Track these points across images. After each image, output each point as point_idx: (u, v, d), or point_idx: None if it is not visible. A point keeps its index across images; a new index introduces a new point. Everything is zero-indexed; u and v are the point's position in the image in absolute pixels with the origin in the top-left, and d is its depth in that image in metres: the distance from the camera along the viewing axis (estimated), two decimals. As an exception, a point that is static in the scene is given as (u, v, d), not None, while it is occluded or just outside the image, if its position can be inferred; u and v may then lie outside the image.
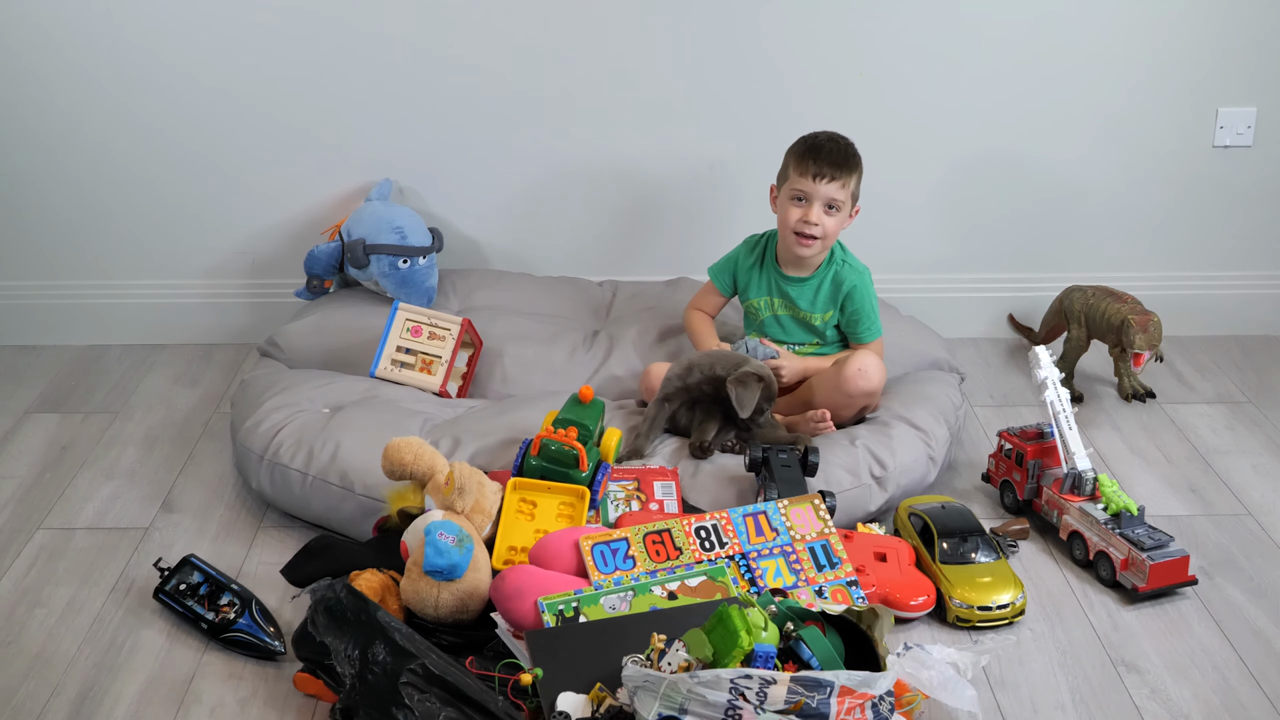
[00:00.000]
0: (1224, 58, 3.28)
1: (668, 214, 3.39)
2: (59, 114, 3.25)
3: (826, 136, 2.78)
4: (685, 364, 2.70)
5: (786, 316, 2.88)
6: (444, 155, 3.32)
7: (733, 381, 2.60)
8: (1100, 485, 2.47)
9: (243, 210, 3.35)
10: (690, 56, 3.25)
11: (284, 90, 3.24)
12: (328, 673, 2.04)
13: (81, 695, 2.11)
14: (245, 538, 2.55)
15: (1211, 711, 2.08)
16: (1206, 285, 3.48)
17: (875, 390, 2.71)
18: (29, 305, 3.42)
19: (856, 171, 2.78)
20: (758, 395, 2.59)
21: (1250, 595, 2.38)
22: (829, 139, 2.78)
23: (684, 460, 2.59)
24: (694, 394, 2.67)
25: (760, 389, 2.60)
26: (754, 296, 2.90)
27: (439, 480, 2.29)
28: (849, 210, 2.80)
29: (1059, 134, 3.33)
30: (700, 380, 2.66)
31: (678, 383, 2.68)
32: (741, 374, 2.61)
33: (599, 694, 1.88)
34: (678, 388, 2.67)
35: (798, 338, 2.89)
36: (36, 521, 2.60)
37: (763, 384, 2.60)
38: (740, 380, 2.60)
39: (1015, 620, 2.29)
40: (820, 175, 2.74)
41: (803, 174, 2.76)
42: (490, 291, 3.26)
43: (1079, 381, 3.20)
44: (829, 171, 2.74)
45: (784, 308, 2.87)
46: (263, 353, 3.07)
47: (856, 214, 2.84)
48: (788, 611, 2.04)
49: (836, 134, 2.80)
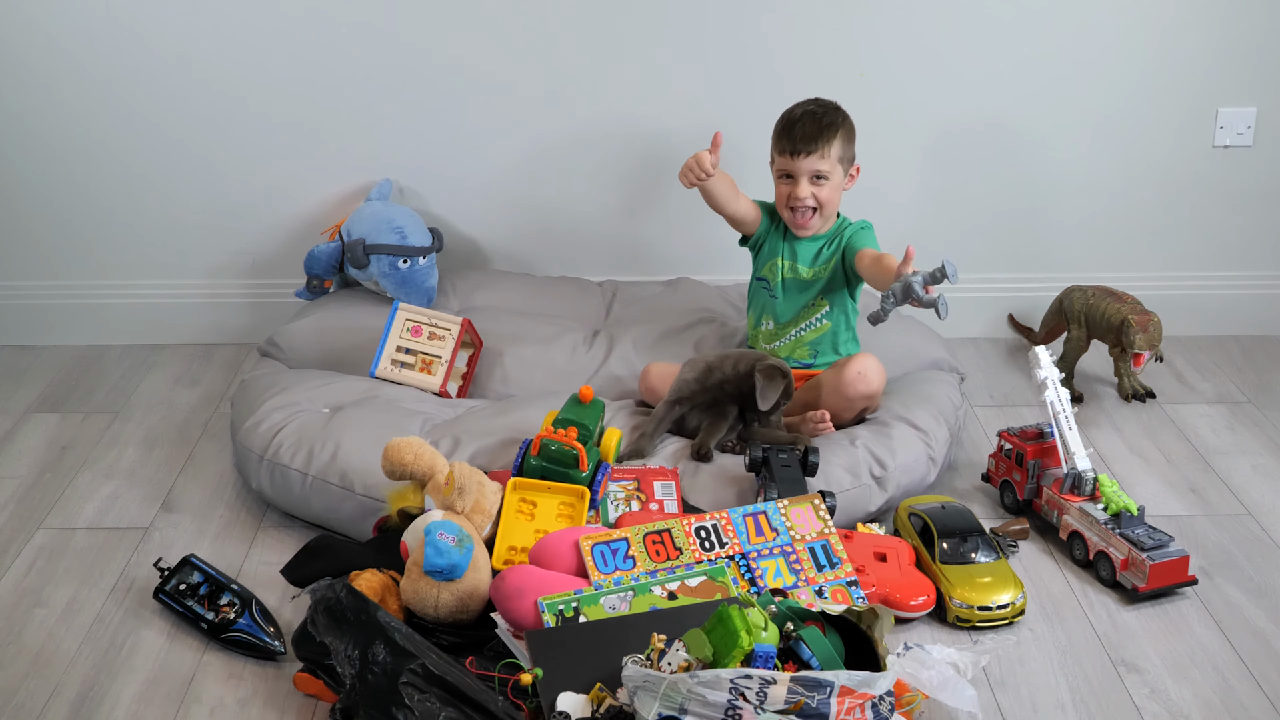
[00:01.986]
0: (1224, 58, 3.28)
1: (668, 214, 3.39)
2: (59, 114, 3.25)
3: (803, 110, 2.76)
4: (703, 366, 2.69)
5: (791, 279, 2.86)
6: (444, 155, 3.32)
7: (761, 370, 2.61)
8: (1100, 485, 2.47)
9: (243, 210, 3.35)
10: (691, 56, 3.25)
11: (284, 90, 3.24)
12: (328, 673, 2.04)
13: (81, 695, 2.11)
14: (245, 538, 2.55)
15: (1211, 711, 2.08)
16: (1206, 285, 3.48)
17: (875, 393, 2.71)
18: (29, 305, 3.42)
19: (837, 137, 2.74)
20: (780, 388, 2.60)
21: (1250, 595, 2.38)
22: (804, 112, 2.75)
23: (684, 460, 2.59)
24: (712, 395, 2.66)
25: (784, 384, 2.61)
26: (768, 257, 2.87)
27: (439, 480, 2.29)
28: (843, 174, 2.78)
29: (1059, 134, 3.33)
30: (721, 380, 2.66)
31: (695, 385, 2.67)
32: (768, 365, 2.62)
33: (599, 694, 1.89)
34: (695, 390, 2.67)
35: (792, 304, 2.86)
36: (36, 521, 2.61)
37: (785, 380, 2.61)
38: (767, 371, 2.61)
39: (1015, 620, 2.29)
40: (797, 152, 2.73)
41: (782, 152, 2.76)
42: (490, 291, 3.26)
43: (1079, 381, 3.20)
44: (804, 147, 2.72)
45: (790, 270, 2.86)
46: (263, 353, 3.07)
47: (857, 173, 2.82)
48: (788, 611, 2.04)
49: (814, 103, 2.78)
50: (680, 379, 2.70)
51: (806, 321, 2.87)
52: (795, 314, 2.87)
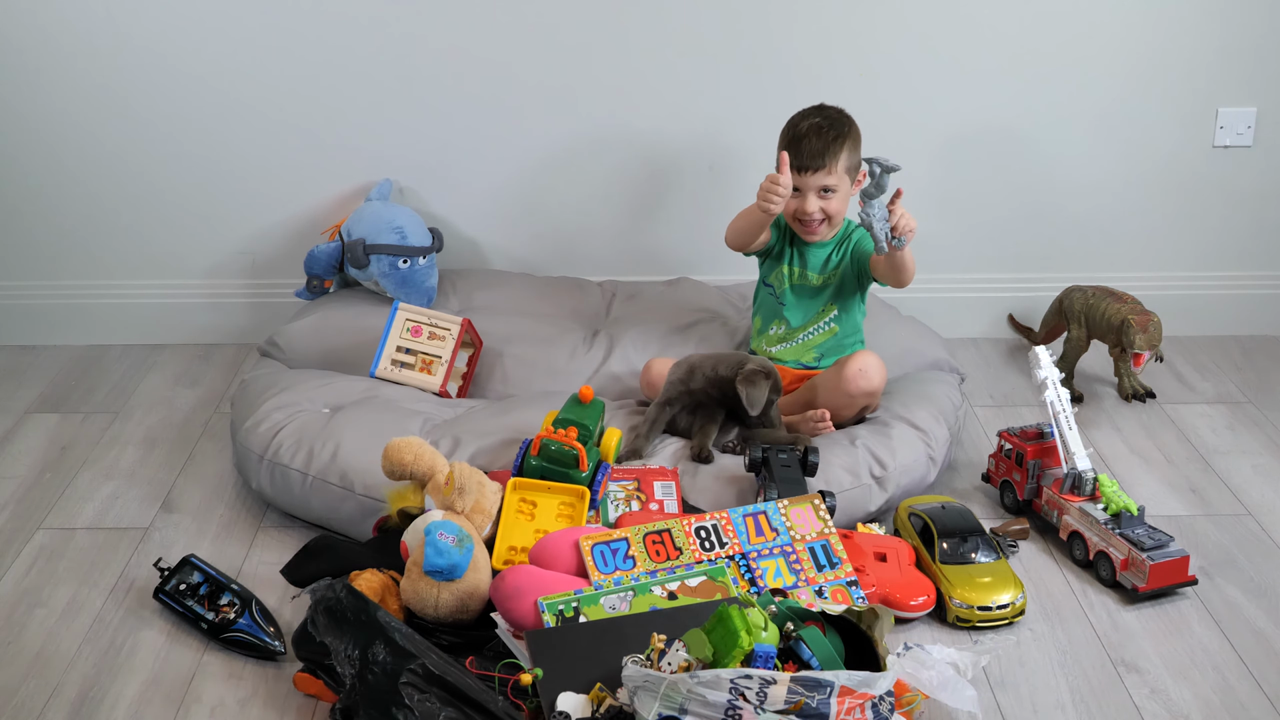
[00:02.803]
0: (1224, 58, 3.28)
1: (668, 214, 3.39)
2: (59, 114, 3.25)
3: (808, 124, 2.74)
4: (686, 367, 2.69)
5: (800, 285, 2.85)
6: (444, 155, 3.32)
7: (741, 381, 2.59)
8: (1100, 485, 2.47)
9: (243, 210, 3.35)
10: (692, 57, 3.25)
11: (284, 90, 3.24)
12: (328, 673, 2.04)
13: (81, 695, 2.11)
14: (245, 538, 2.55)
15: (1211, 711, 2.08)
16: (1206, 285, 3.48)
17: (876, 390, 2.70)
18: (29, 305, 3.42)
19: (843, 151, 2.73)
20: (766, 391, 2.59)
21: (1250, 595, 2.38)
22: (810, 128, 2.73)
23: (684, 461, 2.59)
24: (697, 398, 2.66)
25: (768, 385, 2.59)
26: (776, 264, 2.86)
27: (439, 480, 2.29)
28: (850, 182, 2.77)
29: (1059, 134, 3.33)
30: (704, 384, 2.65)
31: (680, 387, 2.67)
32: (748, 372, 2.60)
33: (599, 694, 1.88)
34: (680, 392, 2.67)
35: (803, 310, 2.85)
36: (36, 521, 2.61)
37: (770, 380, 2.60)
38: (748, 379, 2.59)
39: (1015, 620, 2.29)
40: (805, 168, 2.72)
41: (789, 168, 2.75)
42: (490, 291, 3.26)
43: (1079, 381, 3.20)
44: (811, 163, 2.71)
45: (799, 277, 2.85)
46: (263, 353, 3.08)
47: (864, 179, 2.82)
48: (788, 611, 2.04)
49: (819, 114, 2.75)
50: (668, 379, 2.70)
51: (814, 326, 2.87)
52: (804, 320, 2.87)
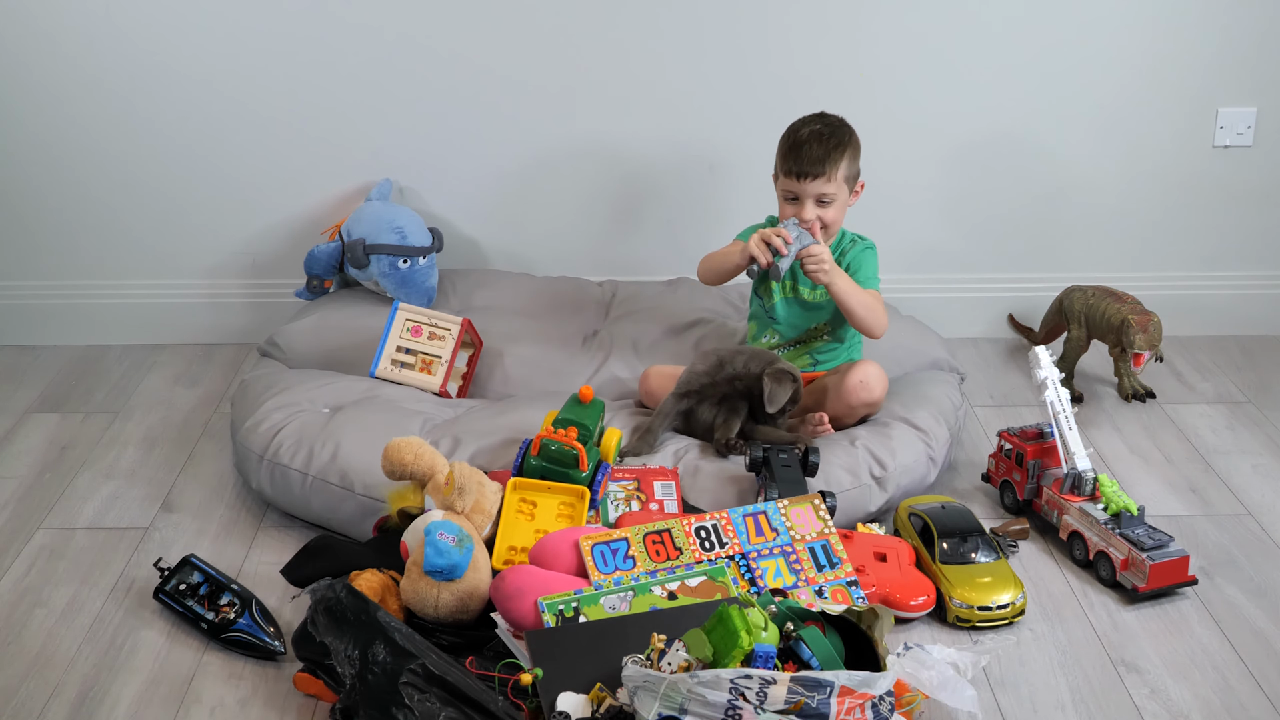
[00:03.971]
0: (1224, 58, 3.28)
1: (668, 214, 3.40)
2: (59, 114, 3.25)
3: (809, 131, 2.72)
4: (715, 360, 2.68)
5: (792, 299, 2.84)
6: (444, 155, 3.32)
7: (770, 375, 2.60)
8: (1100, 485, 2.47)
9: (243, 210, 3.35)
10: (692, 57, 3.25)
11: (284, 90, 3.24)
12: (328, 673, 2.04)
13: (81, 695, 2.11)
14: (245, 538, 2.55)
15: (1211, 711, 2.08)
16: (1206, 285, 3.48)
17: (876, 401, 2.70)
18: (29, 305, 3.42)
19: (843, 159, 2.72)
20: (789, 393, 2.60)
21: (1250, 595, 2.38)
22: (811, 134, 2.72)
23: (684, 460, 2.59)
24: (723, 390, 2.66)
25: (793, 389, 2.60)
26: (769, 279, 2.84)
27: (439, 480, 2.29)
28: (847, 194, 2.77)
29: (1059, 134, 3.33)
30: (733, 375, 2.65)
31: (705, 379, 2.66)
32: (777, 370, 2.61)
33: (599, 694, 1.89)
34: (705, 384, 2.66)
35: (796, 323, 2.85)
36: (36, 521, 2.61)
37: (795, 385, 2.61)
38: (776, 376, 2.60)
39: (1015, 620, 2.29)
40: (804, 175, 2.71)
41: (788, 174, 2.73)
42: (490, 291, 3.26)
43: (1079, 381, 3.20)
44: (811, 171, 2.70)
45: (791, 290, 2.84)
46: (263, 353, 3.08)
47: (861, 189, 2.81)
48: (788, 611, 2.04)
49: (820, 122, 2.75)
50: (691, 371, 2.69)
51: (808, 336, 2.86)
52: (797, 332, 2.86)
